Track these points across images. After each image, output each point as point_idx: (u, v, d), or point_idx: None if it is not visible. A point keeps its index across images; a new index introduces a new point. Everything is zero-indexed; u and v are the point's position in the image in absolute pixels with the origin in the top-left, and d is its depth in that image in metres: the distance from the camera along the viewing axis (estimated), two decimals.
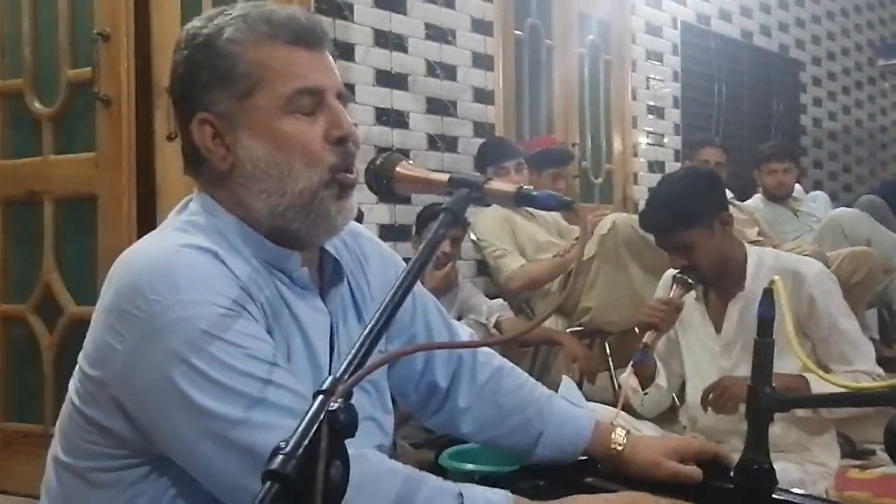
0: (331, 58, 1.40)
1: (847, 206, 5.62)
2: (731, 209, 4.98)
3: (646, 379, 2.70)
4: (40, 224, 3.56)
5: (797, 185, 5.82)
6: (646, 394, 2.72)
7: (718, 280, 2.67)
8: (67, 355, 3.50)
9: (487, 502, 1.27)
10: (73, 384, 1.37)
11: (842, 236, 4.92)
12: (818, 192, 6.43)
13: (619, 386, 2.61)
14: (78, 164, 3.47)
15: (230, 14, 1.36)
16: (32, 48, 3.61)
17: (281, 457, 0.86)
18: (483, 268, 4.76)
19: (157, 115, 3.42)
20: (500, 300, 4.20)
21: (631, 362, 2.64)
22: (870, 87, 9.75)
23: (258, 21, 1.34)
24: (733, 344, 2.65)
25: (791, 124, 8.29)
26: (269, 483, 0.86)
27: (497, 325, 4.02)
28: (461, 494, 1.26)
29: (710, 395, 2.49)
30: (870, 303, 4.82)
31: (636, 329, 2.74)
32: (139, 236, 3.30)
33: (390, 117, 4.59)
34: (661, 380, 2.75)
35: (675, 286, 2.59)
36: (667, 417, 3.02)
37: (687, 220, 2.56)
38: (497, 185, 1.25)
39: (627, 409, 2.80)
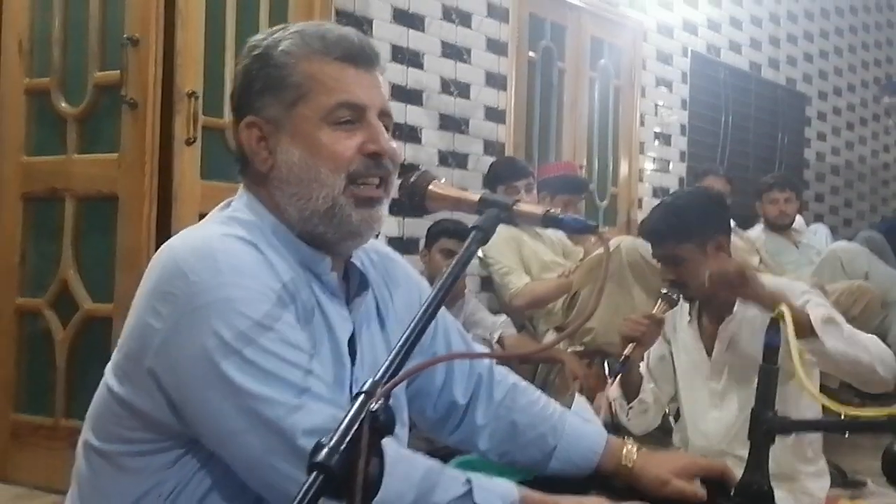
0: (380, 78, 1.48)
1: (847, 241, 5.69)
2: (733, 237, 5.11)
3: (630, 392, 2.74)
4: (60, 221, 3.62)
5: (799, 218, 5.89)
6: (630, 407, 2.76)
7: (709, 303, 2.71)
8: (81, 351, 3.56)
9: (492, 485, 1.34)
10: (108, 368, 1.43)
11: (840, 270, 4.99)
12: (819, 225, 6.49)
13: (623, 356, 2.65)
14: (101, 164, 3.52)
15: (289, 29, 1.47)
16: (62, 49, 3.67)
17: (326, 450, 0.93)
18: (487, 284, 4.83)
19: (178, 120, 3.47)
20: (503, 316, 4.26)
21: (611, 373, 2.70)
22: (874, 124, 9.83)
23: (313, 37, 1.44)
24: (723, 367, 2.69)
25: (795, 157, 8.37)
26: (314, 473, 0.93)
27: (500, 341, 4.09)
28: (469, 480, 1.33)
29: None
30: None
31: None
32: (158, 237, 3.37)
33: (403, 132, 4.67)
34: (647, 395, 2.78)
35: (659, 301, 2.65)
36: (660, 439, 3.07)
37: (682, 233, 2.61)
38: (525, 206, 1.32)
39: (615, 422, 2.88)
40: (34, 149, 3.74)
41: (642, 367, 2.79)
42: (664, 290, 2.67)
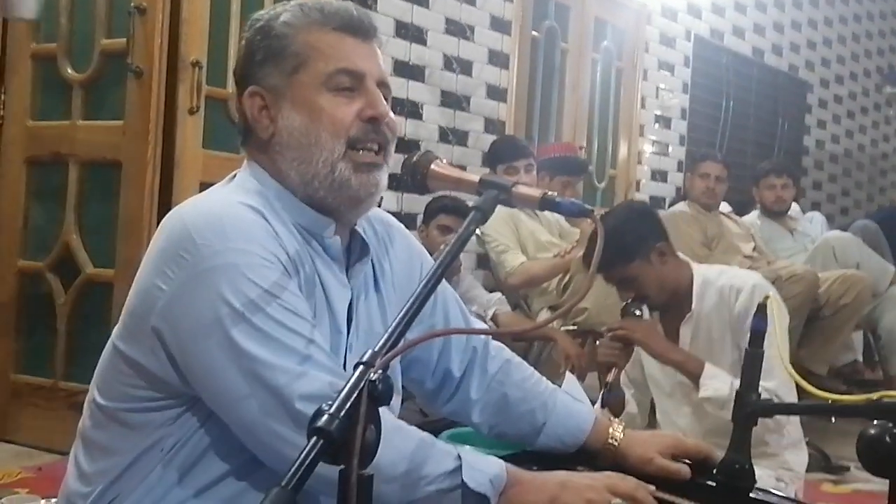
0: (378, 51, 1.52)
1: (843, 229, 5.73)
2: (729, 221, 5.16)
3: (617, 410, 2.75)
4: (64, 186, 3.66)
5: (795, 205, 5.92)
6: (620, 422, 2.81)
7: (668, 304, 2.79)
8: (81, 314, 3.61)
9: (481, 463, 1.37)
10: (116, 328, 1.47)
11: (833, 258, 5.04)
12: (815, 213, 6.53)
13: (605, 383, 2.70)
14: (105, 130, 3.56)
15: (290, 3, 1.52)
16: (69, 16, 3.70)
17: (326, 416, 0.98)
18: (482, 261, 4.86)
19: (181, 89, 3.50)
20: (498, 294, 4.30)
21: (599, 403, 2.68)
22: (875, 113, 9.86)
23: (312, 9, 1.49)
24: None
25: (794, 144, 8.40)
26: (314, 438, 0.97)
27: (494, 319, 4.13)
28: (459, 457, 1.36)
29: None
30: (856, 325, 4.94)
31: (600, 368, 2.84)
32: (160, 204, 3.41)
33: (405, 107, 4.69)
34: (632, 406, 2.87)
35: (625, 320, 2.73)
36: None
37: (624, 256, 2.67)
38: (524, 189, 1.35)
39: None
40: (39, 114, 3.78)
41: (623, 378, 2.85)
42: (624, 308, 2.74)
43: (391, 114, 1.50)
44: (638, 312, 2.72)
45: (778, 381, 2.50)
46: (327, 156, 1.44)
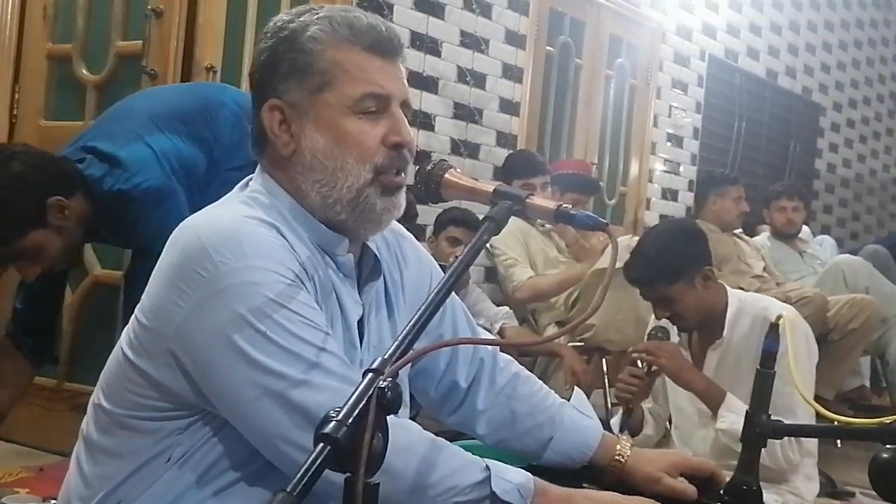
0: (402, 68, 1.50)
1: (853, 254, 5.71)
2: (740, 242, 5.14)
3: (635, 431, 2.76)
4: None
5: (805, 228, 5.90)
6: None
7: (700, 327, 2.77)
8: (87, 316, 3.60)
9: (509, 474, 1.37)
10: (125, 336, 1.46)
11: (842, 282, 5.02)
12: (825, 237, 6.51)
13: (612, 405, 2.69)
14: None
15: (317, 14, 1.46)
16: (86, 17, 3.72)
17: (334, 423, 0.97)
18: (491, 275, 4.85)
19: None
20: (505, 308, 4.28)
21: (620, 429, 2.68)
22: (887, 138, 9.83)
23: (342, 25, 1.44)
24: None
25: (806, 167, 8.37)
26: (321, 444, 0.97)
27: (501, 333, 4.11)
28: (488, 467, 1.36)
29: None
30: (864, 350, 4.92)
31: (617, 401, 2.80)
32: None
33: (417, 119, 4.69)
34: (650, 429, 2.85)
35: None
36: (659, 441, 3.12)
37: (669, 276, 2.65)
38: (538, 200, 1.36)
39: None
40: (53, 114, 3.79)
41: None
42: (651, 332, 2.71)
43: (412, 136, 1.48)
44: (664, 336, 2.69)
45: (803, 418, 2.47)
46: (353, 181, 1.43)
